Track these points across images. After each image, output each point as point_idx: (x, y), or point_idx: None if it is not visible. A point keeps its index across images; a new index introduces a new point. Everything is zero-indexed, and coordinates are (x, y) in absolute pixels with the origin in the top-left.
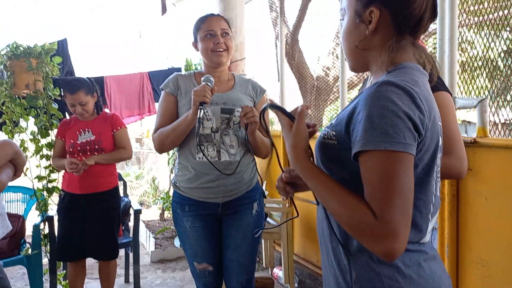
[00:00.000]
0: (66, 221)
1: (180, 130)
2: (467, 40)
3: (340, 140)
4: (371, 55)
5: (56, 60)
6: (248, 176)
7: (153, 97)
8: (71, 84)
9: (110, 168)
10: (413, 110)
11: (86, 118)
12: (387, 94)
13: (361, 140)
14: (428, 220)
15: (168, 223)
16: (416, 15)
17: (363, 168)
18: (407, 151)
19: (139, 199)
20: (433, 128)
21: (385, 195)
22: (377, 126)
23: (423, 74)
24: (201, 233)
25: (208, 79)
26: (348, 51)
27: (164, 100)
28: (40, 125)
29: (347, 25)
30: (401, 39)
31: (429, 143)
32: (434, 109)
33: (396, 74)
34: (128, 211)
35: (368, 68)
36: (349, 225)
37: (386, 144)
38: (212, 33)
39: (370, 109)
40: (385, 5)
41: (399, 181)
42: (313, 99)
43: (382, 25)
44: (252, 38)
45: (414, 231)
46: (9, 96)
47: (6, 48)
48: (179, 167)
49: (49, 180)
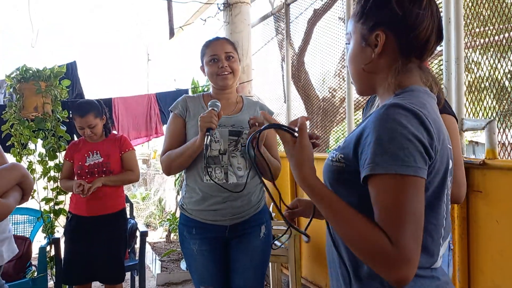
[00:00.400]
0: (73, 243)
1: (188, 155)
2: (473, 61)
3: (348, 163)
4: (378, 78)
5: (65, 83)
6: (256, 199)
7: (161, 118)
8: (80, 107)
9: (118, 191)
10: (422, 133)
11: (94, 140)
12: (395, 116)
13: (371, 164)
14: (439, 245)
15: (174, 245)
16: (421, 39)
17: (373, 192)
18: (418, 175)
19: (145, 221)
20: (442, 151)
21: (398, 220)
22: (387, 149)
23: (431, 97)
24: (208, 257)
25: (215, 104)
26: (355, 75)
27: (173, 122)
28: (48, 147)
29: (353, 48)
30: (407, 62)
31: (439, 166)
32: (442, 131)
33: (404, 97)
34: (134, 233)
35: (375, 91)
36: (361, 250)
37: (396, 168)
38: (216, 58)
39: (379, 132)
40: (391, 29)
41: (411, 205)
42: (320, 120)
43: (388, 49)
44: (258, 60)
45: (425, 256)
46: (18, 119)
47: (16, 71)
48: (187, 189)
49: (56, 202)
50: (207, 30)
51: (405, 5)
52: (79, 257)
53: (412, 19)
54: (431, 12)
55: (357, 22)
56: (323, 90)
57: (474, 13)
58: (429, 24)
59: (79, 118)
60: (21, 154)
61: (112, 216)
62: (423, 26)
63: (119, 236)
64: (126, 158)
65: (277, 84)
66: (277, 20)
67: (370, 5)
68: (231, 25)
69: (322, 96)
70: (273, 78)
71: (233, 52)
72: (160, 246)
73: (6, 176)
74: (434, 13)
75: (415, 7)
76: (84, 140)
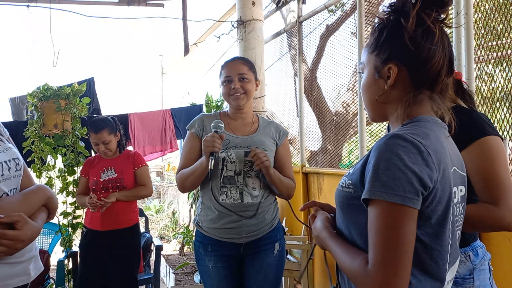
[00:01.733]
0: (87, 258)
1: (197, 176)
2: (487, 73)
3: (356, 189)
4: (389, 108)
5: (85, 101)
6: (270, 217)
7: (175, 133)
8: (95, 123)
9: (131, 206)
10: (419, 165)
11: (109, 157)
12: (393, 147)
13: (366, 189)
14: (445, 270)
15: (187, 258)
16: (433, 72)
17: (369, 215)
18: (406, 204)
19: (159, 233)
20: (443, 180)
21: (378, 246)
22: (379, 177)
23: (440, 126)
24: (223, 274)
25: (218, 125)
26: (368, 104)
27: (189, 141)
28: (67, 163)
29: (366, 79)
30: (418, 94)
31: (440, 195)
32: (443, 161)
33: (408, 127)
34: (149, 247)
35: (387, 118)
36: (348, 273)
37: (385, 195)
38: (229, 79)
39: (377, 161)
40: (403, 63)
41: (394, 232)
42: (332, 134)
43: (400, 81)
44: (271, 75)
45: (430, 281)
46: (38, 136)
47: (37, 90)
48: (202, 207)
49: (74, 216)
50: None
51: (417, 41)
52: (93, 271)
53: (424, 54)
54: (442, 46)
55: (371, 54)
56: (337, 104)
57: (487, 27)
58: (441, 58)
59: (94, 135)
60: (41, 169)
61: (125, 231)
62: (434, 60)
63: (132, 250)
64: (139, 174)
65: (290, 98)
66: (290, 36)
67: (383, 39)
68: (244, 41)
69: (335, 110)
70: (286, 93)
71: (247, 73)
72: (174, 258)
73: (33, 199)
74: (446, 47)
75: (427, 42)
76: (99, 156)
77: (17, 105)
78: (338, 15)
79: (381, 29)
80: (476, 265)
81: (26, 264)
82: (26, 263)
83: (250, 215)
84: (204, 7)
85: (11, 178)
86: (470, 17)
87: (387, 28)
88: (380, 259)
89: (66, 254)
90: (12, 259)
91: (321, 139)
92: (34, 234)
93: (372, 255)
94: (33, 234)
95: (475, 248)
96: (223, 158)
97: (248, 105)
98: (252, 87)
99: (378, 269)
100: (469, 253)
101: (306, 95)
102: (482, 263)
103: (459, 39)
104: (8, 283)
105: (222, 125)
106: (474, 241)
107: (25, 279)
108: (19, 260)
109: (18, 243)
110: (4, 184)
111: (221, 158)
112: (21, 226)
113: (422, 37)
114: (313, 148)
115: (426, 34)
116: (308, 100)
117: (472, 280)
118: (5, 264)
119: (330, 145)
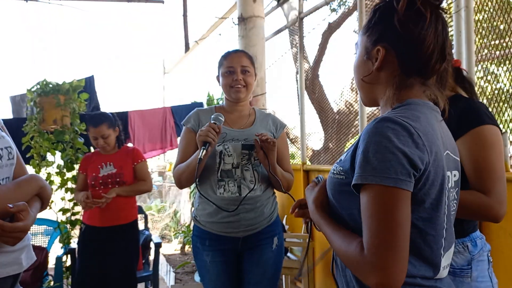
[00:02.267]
0: (86, 253)
1: (192, 168)
2: (491, 73)
3: (347, 175)
4: (378, 90)
5: (83, 97)
6: (268, 211)
7: (175, 131)
8: (94, 117)
9: (131, 201)
10: (409, 146)
11: (107, 152)
12: (383, 130)
13: (357, 174)
14: (440, 255)
15: (188, 257)
16: (421, 57)
17: (361, 200)
18: (399, 186)
19: (160, 233)
20: (435, 162)
21: (373, 230)
22: (370, 161)
23: (431, 109)
24: (221, 268)
25: (217, 118)
26: (357, 84)
27: (185, 137)
28: (66, 159)
29: (357, 59)
30: (407, 78)
31: (433, 177)
32: (435, 143)
33: (398, 111)
34: (148, 244)
35: (378, 103)
36: (344, 258)
37: (377, 179)
38: (231, 70)
39: (366, 145)
40: (392, 46)
41: (389, 215)
42: (334, 132)
43: (388, 64)
44: (272, 73)
45: (426, 267)
46: (38, 131)
47: (36, 86)
48: (200, 201)
49: (73, 213)
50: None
51: (407, 24)
52: (92, 267)
53: (413, 38)
54: (434, 30)
55: (363, 35)
56: (339, 102)
57: (489, 26)
58: (431, 43)
59: (93, 128)
60: (40, 165)
61: (124, 227)
62: (424, 46)
63: (131, 246)
64: (138, 169)
65: (291, 97)
66: (292, 34)
67: (375, 20)
68: (245, 38)
69: (337, 109)
70: (287, 91)
71: (249, 66)
72: (175, 258)
73: (26, 188)
74: (439, 32)
75: (417, 26)
76: (98, 152)
77: (18, 103)
78: (339, 13)
79: (374, 11)
80: (475, 256)
81: (18, 254)
82: (18, 252)
83: (248, 209)
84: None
85: (3, 167)
86: (471, 10)
87: (380, 10)
88: (376, 243)
89: (65, 250)
90: (3, 247)
91: (323, 137)
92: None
93: (367, 239)
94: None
95: (473, 239)
96: (220, 151)
97: (246, 98)
98: (253, 81)
99: (374, 253)
100: (468, 243)
101: (308, 93)
102: (480, 254)
103: (459, 32)
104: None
105: (223, 118)
106: (473, 232)
107: (17, 268)
108: (11, 249)
109: (23, 233)
110: None
111: (218, 151)
112: (25, 216)
113: (412, 21)
114: (315, 147)
115: (417, 18)
116: (310, 98)
117: (470, 271)
118: None
119: (332, 144)
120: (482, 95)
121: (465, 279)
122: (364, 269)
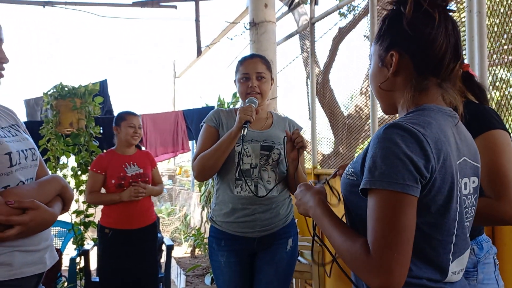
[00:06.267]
0: (116, 257)
1: (223, 149)
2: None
3: (357, 177)
4: (396, 96)
5: (98, 100)
6: (284, 212)
7: (187, 134)
8: (129, 111)
9: (151, 203)
10: (417, 153)
11: (130, 147)
12: (391, 136)
13: (365, 179)
14: (448, 260)
15: (199, 260)
16: (435, 57)
17: (368, 204)
18: (406, 192)
19: (170, 236)
20: (443, 169)
21: (380, 233)
22: (378, 167)
23: (446, 115)
24: (235, 269)
25: (252, 100)
26: (376, 93)
27: (206, 132)
28: (82, 161)
29: (372, 69)
30: (423, 80)
31: (439, 184)
32: (445, 151)
33: (410, 116)
34: (160, 246)
35: (397, 109)
36: (346, 259)
37: (384, 184)
38: (247, 76)
39: (375, 150)
40: (404, 49)
41: (395, 220)
42: (345, 136)
43: (403, 67)
44: (283, 78)
45: (432, 269)
46: (54, 134)
47: (53, 89)
48: (216, 201)
49: (86, 214)
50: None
51: (416, 26)
52: (125, 271)
53: (424, 38)
54: (445, 30)
55: (375, 44)
56: (350, 107)
57: (502, 31)
58: (443, 42)
59: (133, 116)
60: (56, 168)
61: (150, 228)
62: (436, 45)
63: (155, 246)
64: (155, 173)
65: (302, 101)
66: (303, 38)
67: (385, 28)
68: (257, 43)
69: (347, 113)
70: (298, 96)
71: (265, 72)
72: (185, 261)
73: (48, 187)
74: (450, 32)
75: (426, 27)
76: (112, 152)
77: (32, 106)
78: (350, 18)
79: (383, 19)
80: (480, 258)
81: (43, 253)
82: (43, 251)
83: (264, 209)
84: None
85: (27, 167)
86: (483, 15)
87: (388, 17)
88: (382, 245)
89: (78, 252)
90: (29, 247)
91: (334, 142)
92: (50, 220)
93: (373, 242)
94: (50, 220)
95: (480, 242)
96: (239, 151)
97: (262, 104)
98: (268, 87)
99: (381, 256)
100: (474, 246)
101: (318, 98)
102: (486, 256)
103: (472, 37)
104: (24, 271)
105: (256, 100)
106: (480, 235)
107: (42, 267)
108: (36, 249)
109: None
110: (21, 172)
111: (237, 151)
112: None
113: (421, 22)
114: (325, 152)
115: (425, 19)
116: (321, 102)
117: (476, 274)
118: (22, 251)
119: (342, 148)
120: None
121: (471, 281)
122: (369, 270)
